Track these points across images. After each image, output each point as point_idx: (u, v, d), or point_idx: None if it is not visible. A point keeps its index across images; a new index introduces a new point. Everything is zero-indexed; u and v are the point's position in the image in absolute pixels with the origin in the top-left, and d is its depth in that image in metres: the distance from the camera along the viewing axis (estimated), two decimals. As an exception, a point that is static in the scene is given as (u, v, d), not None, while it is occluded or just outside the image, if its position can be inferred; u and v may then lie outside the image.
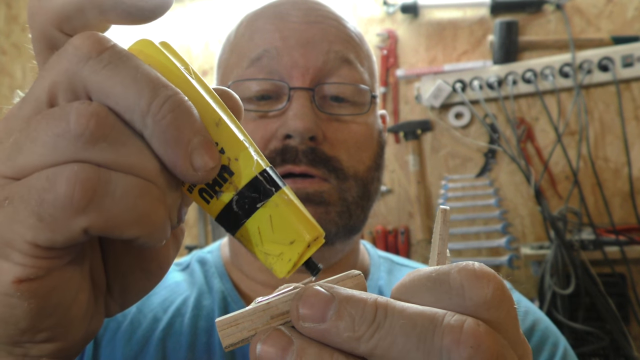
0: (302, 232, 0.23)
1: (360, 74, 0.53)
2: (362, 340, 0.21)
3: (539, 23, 1.37)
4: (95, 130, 0.20)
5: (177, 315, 0.51)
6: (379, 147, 0.56)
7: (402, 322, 0.21)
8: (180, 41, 1.66)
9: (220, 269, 0.56)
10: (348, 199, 0.51)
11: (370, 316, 0.21)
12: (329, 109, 0.51)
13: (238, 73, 0.52)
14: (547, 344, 0.52)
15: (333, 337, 0.21)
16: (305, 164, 0.48)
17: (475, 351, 0.20)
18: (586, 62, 1.28)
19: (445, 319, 0.21)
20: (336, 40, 0.52)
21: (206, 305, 0.52)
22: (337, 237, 0.51)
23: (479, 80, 1.35)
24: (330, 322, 0.21)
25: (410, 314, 0.21)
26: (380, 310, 0.21)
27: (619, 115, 1.28)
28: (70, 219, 0.20)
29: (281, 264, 0.23)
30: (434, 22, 1.45)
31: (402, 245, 1.43)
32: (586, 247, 1.20)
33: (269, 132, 0.50)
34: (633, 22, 1.30)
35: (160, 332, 0.49)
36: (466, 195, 1.36)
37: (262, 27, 0.52)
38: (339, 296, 0.22)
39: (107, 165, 0.21)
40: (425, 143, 1.45)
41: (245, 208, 0.23)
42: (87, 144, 0.20)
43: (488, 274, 0.22)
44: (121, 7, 0.23)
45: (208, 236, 1.61)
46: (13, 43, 1.83)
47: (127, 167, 0.21)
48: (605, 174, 1.31)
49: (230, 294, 0.53)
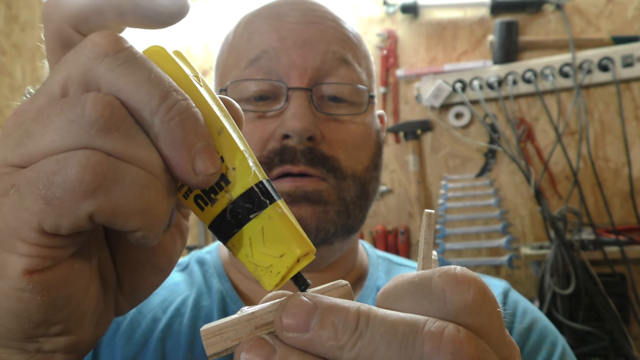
0: (292, 246, 0.23)
1: (358, 74, 0.53)
2: (345, 349, 0.21)
3: (539, 23, 1.37)
4: (110, 119, 0.21)
5: (176, 316, 0.51)
6: (377, 147, 0.56)
7: (383, 329, 0.21)
8: (180, 41, 1.66)
9: (219, 269, 0.56)
10: (346, 198, 0.51)
11: (352, 325, 0.21)
12: (326, 109, 0.51)
13: (236, 74, 0.52)
14: (545, 343, 0.52)
15: (316, 347, 0.21)
16: (304, 163, 0.49)
17: (455, 357, 0.20)
18: (586, 62, 1.28)
19: (426, 325, 0.21)
20: (334, 41, 0.52)
21: (205, 305, 0.52)
22: (336, 236, 0.51)
23: (479, 80, 1.35)
24: (313, 331, 0.21)
25: (392, 321, 0.21)
26: (362, 318, 0.21)
27: (619, 115, 1.28)
28: (78, 203, 0.20)
29: (270, 276, 0.24)
30: (434, 22, 1.45)
31: (402, 245, 1.43)
32: (586, 247, 1.20)
33: (267, 132, 0.50)
34: (633, 22, 1.30)
35: (160, 332, 0.49)
36: (466, 195, 1.36)
37: (260, 28, 0.53)
38: (321, 305, 0.22)
39: (117, 155, 0.21)
40: (425, 143, 1.45)
41: (238, 218, 0.23)
42: (100, 131, 0.21)
43: (469, 278, 0.22)
44: (140, 11, 0.23)
45: (208, 236, 1.61)
46: (13, 43, 1.83)
47: (136, 159, 0.21)
48: (605, 174, 1.31)
49: (229, 294, 0.53)
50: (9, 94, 1.83)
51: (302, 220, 0.48)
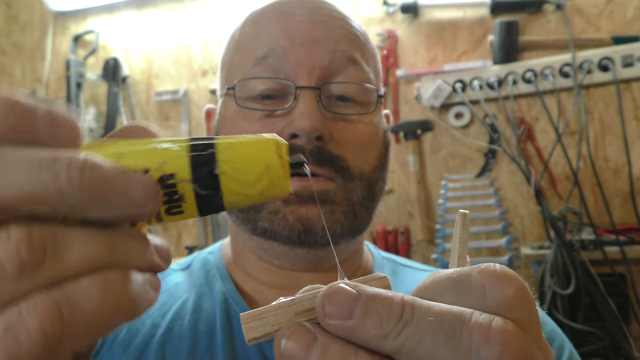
0: (264, 154, 0.23)
1: (367, 74, 0.53)
2: (389, 337, 0.21)
3: (539, 23, 1.37)
4: (30, 258, 0.18)
5: (176, 319, 0.50)
6: (384, 147, 0.55)
7: (429, 319, 0.21)
8: (180, 41, 1.66)
9: (222, 269, 0.56)
10: (353, 198, 0.51)
11: (397, 313, 0.21)
12: (335, 108, 0.51)
13: (243, 72, 0.52)
14: (553, 347, 0.52)
15: (359, 335, 0.21)
16: (312, 163, 0.48)
17: (504, 348, 0.20)
18: (586, 62, 1.28)
19: (473, 317, 0.20)
20: (342, 40, 0.51)
21: (206, 307, 0.51)
22: (342, 236, 0.51)
23: (479, 80, 1.34)
24: (357, 319, 0.21)
25: (438, 311, 0.21)
26: (407, 307, 0.21)
27: (619, 115, 1.28)
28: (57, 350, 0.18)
29: (277, 186, 0.23)
30: (434, 22, 1.45)
31: (402, 245, 1.43)
32: (586, 247, 1.20)
33: (275, 131, 0.49)
34: (633, 22, 1.30)
35: (160, 337, 0.48)
36: (466, 195, 1.36)
37: (267, 26, 0.52)
38: (365, 294, 0.22)
39: (60, 281, 0.19)
40: (425, 143, 1.45)
41: (209, 184, 0.22)
42: (29, 276, 0.18)
43: (509, 274, 0.22)
44: None
45: (208, 236, 1.61)
46: (12, 43, 1.83)
47: (81, 270, 0.19)
48: (606, 174, 1.30)
49: (231, 295, 0.52)
50: (9, 94, 1.82)
51: (309, 220, 0.48)
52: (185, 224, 1.63)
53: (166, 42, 1.68)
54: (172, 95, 1.63)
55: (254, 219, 0.50)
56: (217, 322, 0.49)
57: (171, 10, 1.68)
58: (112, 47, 1.73)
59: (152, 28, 1.70)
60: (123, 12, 1.72)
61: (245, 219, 0.51)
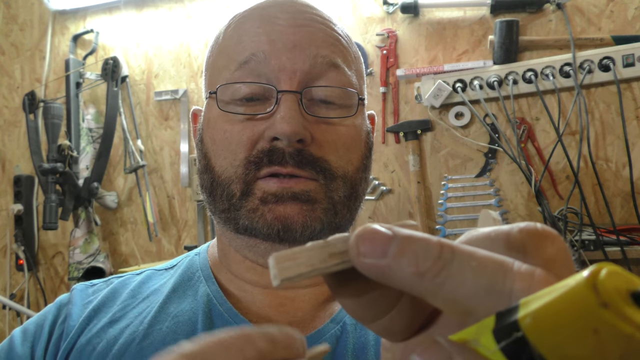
0: (582, 314, 0.17)
1: (348, 77, 0.53)
2: (427, 276, 0.20)
3: (540, 23, 1.37)
4: None
5: (154, 324, 0.51)
6: (366, 148, 0.56)
7: (470, 262, 0.20)
8: (180, 41, 1.65)
9: (207, 271, 0.56)
10: (335, 197, 0.51)
11: (435, 252, 0.20)
12: (316, 111, 0.52)
13: (226, 76, 0.53)
14: None
15: (394, 274, 0.20)
16: (292, 165, 0.49)
17: None
18: (587, 61, 1.27)
19: (515, 265, 0.19)
20: (323, 45, 0.52)
21: (187, 310, 0.52)
22: (322, 234, 0.51)
23: (479, 80, 1.34)
24: (392, 257, 0.20)
25: (480, 256, 0.20)
26: (446, 249, 0.20)
27: (619, 115, 1.28)
28: None
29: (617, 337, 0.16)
30: (434, 21, 1.45)
31: (402, 245, 1.43)
32: (587, 247, 1.20)
33: (257, 133, 0.50)
34: (634, 22, 1.30)
35: (137, 344, 0.49)
36: (466, 195, 1.36)
37: (249, 30, 0.53)
38: (400, 234, 0.21)
39: None
40: (425, 143, 1.44)
41: None
42: None
43: (552, 233, 0.21)
44: None
45: (208, 236, 1.61)
46: (12, 43, 1.83)
47: None
48: (606, 174, 1.30)
49: (215, 295, 0.53)
50: (8, 93, 1.82)
51: (289, 218, 0.48)
52: (185, 224, 1.63)
53: (166, 42, 1.67)
54: (172, 95, 1.63)
55: (234, 218, 0.51)
56: (199, 324, 0.50)
57: (171, 10, 1.68)
58: (111, 46, 1.72)
59: (152, 28, 1.70)
60: (122, 12, 1.72)
61: (227, 219, 0.52)
